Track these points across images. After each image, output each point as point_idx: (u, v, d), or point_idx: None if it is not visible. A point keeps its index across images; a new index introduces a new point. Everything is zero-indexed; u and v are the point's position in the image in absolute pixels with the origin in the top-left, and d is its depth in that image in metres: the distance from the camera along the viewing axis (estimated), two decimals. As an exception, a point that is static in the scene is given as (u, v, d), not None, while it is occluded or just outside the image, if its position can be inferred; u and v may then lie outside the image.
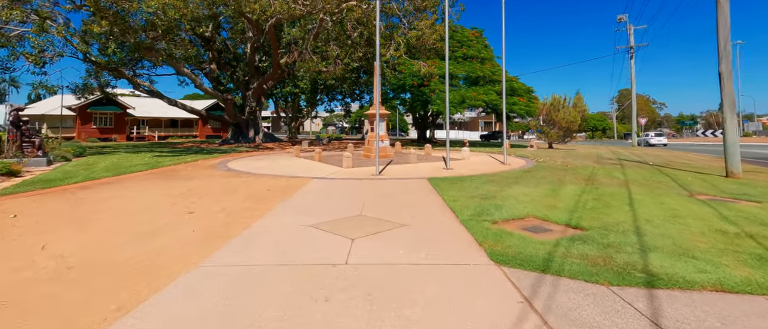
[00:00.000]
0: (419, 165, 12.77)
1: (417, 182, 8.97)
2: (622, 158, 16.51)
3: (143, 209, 6.18)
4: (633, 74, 31.85)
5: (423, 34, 19.13)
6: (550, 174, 10.18)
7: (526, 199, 6.72)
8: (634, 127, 32.02)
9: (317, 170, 11.57)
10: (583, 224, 4.95)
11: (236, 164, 13.27)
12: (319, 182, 9.08)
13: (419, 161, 14.07)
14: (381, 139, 15.24)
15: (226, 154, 17.81)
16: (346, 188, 8.32)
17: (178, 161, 13.74)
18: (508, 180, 9.06)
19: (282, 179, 9.50)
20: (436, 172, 10.91)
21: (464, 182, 8.73)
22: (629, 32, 32.30)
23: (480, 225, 4.96)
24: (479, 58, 28.61)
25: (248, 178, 9.73)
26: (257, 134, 28.43)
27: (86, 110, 35.77)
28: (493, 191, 7.58)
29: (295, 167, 12.36)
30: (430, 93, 24.97)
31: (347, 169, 11.70)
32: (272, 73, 25.86)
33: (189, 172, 10.95)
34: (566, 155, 17.69)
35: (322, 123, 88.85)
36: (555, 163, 13.28)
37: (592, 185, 8.23)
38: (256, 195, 7.38)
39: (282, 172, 10.94)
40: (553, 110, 23.02)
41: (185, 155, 16.84)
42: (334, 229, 4.90)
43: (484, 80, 26.62)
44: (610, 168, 11.67)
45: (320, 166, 12.61)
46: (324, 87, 38.25)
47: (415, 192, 7.68)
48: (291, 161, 14.45)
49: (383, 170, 11.38)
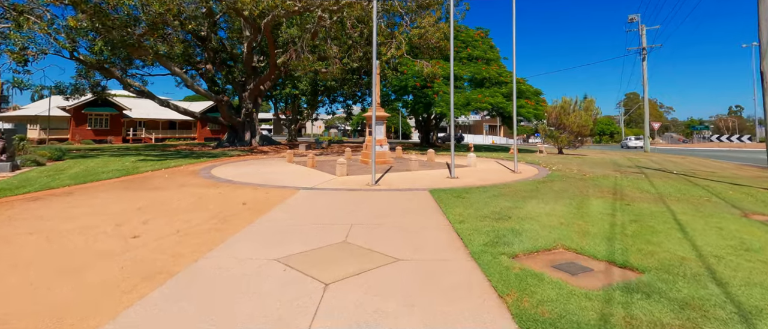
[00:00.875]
0: (421, 173, 11.61)
1: (417, 195, 7.80)
2: (641, 165, 15.26)
3: (82, 229, 5.06)
4: (645, 77, 30.56)
5: (426, 32, 18.01)
6: (568, 186, 8.98)
7: (549, 220, 5.54)
8: (646, 131, 30.69)
9: (307, 178, 10.44)
10: (633, 262, 3.76)
11: (221, 170, 12.17)
12: (305, 194, 7.93)
13: (421, 167, 12.91)
14: (379, 143, 14.10)
15: (216, 158, 16.73)
16: (334, 202, 7.16)
17: (160, 167, 12.66)
18: (522, 193, 7.87)
19: (264, 190, 8.37)
20: (440, 181, 9.74)
21: (472, 196, 7.55)
22: (641, 33, 31.01)
23: (497, 262, 3.79)
24: (485, 59, 27.49)
25: (226, 188, 8.61)
26: (254, 136, 27.37)
27: (81, 111, 34.92)
28: (506, 208, 6.40)
29: (284, 174, 11.23)
30: (434, 95, 23.83)
31: (341, 177, 10.56)
32: (269, 74, 24.83)
33: (164, 180, 9.84)
34: (580, 162, 16.45)
35: (324, 126, 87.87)
36: (570, 171, 12.06)
37: (622, 201, 7.03)
38: (227, 212, 6.24)
39: (267, 180, 9.82)
40: (563, 114, 21.78)
41: (171, 159, 15.78)
42: (306, 266, 3.75)
43: (490, 82, 25.47)
44: (634, 178, 10.44)
45: (312, 173, 11.48)
46: (324, 89, 37.25)
47: (414, 209, 6.51)
48: (282, 167, 13.33)
49: (380, 178, 10.23)
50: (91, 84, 22.97)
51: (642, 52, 30.96)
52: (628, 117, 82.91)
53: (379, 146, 14.08)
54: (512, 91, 25.08)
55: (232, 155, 18.79)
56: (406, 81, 25.02)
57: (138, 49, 16.61)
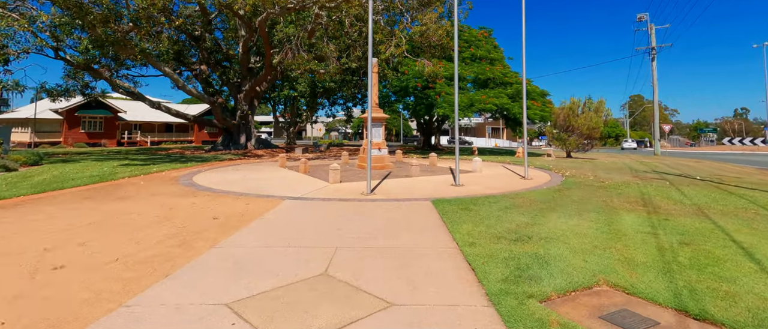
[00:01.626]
0: (422, 179, 10.60)
1: (418, 206, 6.79)
2: (658, 170, 14.21)
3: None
4: (655, 77, 29.51)
5: (427, 30, 17.06)
6: (589, 195, 7.95)
7: (579, 241, 4.52)
8: (656, 134, 29.61)
9: (297, 185, 9.45)
10: (713, 311, 2.75)
11: (205, 176, 11.19)
12: (289, 206, 6.93)
13: (422, 173, 11.91)
14: (377, 147, 13.12)
15: (205, 162, 15.77)
16: (321, 216, 6.16)
17: (140, 172, 11.70)
18: (538, 205, 6.85)
19: (244, 201, 7.38)
20: (443, 190, 8.74)
21: (480, 208, 6.54)
22: (650, 32, 30.00)
23: (524, 310, 2.78)
24: (488, 59, 26.49)
25: (203, 199, 7.62)
26: (249, 139, 26.44)
27: (74, 114, 34.07)
28: (523, 224, 5.39)
29: (272, 181, 10.25)
30: (436, 96, 22.83)
31: (333, 185, 9.56)
32: (265, 74, 23.92)
33: (136, 188, 8.86)
34: (592, 166, 15.41)
35: (324, 129, 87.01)
36: (585, 177, 11.03)
37: (657, 215, 6.00)
38: (192, 229, 5.25)
39: (252, 189, 8.83)
40: (571, 115, 20.75)
41: (157, 163, 14.82)
42: (265, 318, 2.75)
43: (494, 82, 24.45)
44: (659, 186, 9.41)
45: (303, 180, 10.49)
46: (323, 91, 36.35)
47: (414, 224, 5.51)
48: (272, 172, 12.35)
49: (377, 186, 9.23)
50: (80, 85, 22.09)
51: (651, 52, 29.94)
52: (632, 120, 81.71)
53: (377, 149, 13.09)
54: (517, 92, 24.17)
55: (224, 159, 17.83)
56: (407, 82, 24.05)
57: (124, 47, 15.70)
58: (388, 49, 16.54)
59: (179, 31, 24.51)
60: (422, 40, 17.71)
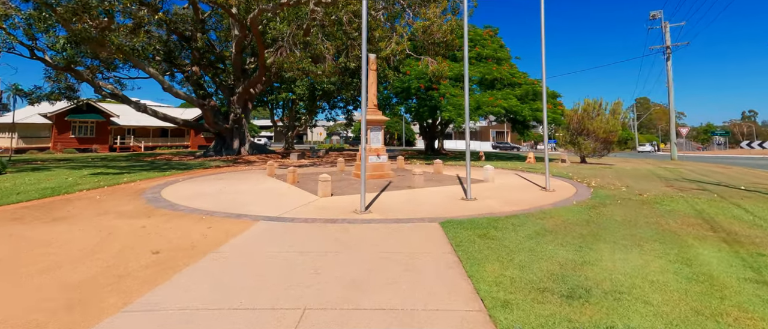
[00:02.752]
0: (427, 191, 9.15)
1: (423, 231, 5.34)
2: (688, 178, 12.70)
3: None
4: (670, 78, 27.99)
5: (431, 25, 15.66)
6: (633, 214, 6.48)
7: (664, 298, 3.06)
8: (672, 137, 28.04)
9: (280, 200, 8.02)
10: None
11: (177, 188, 9.78)
12: (261, 232, 5.50)
13: (427, 182, 10.46)
14: (376, 153, 11.68)
15: (188, 170, 14.39)
16: (297, 248, 4.72)
17: (107, 183, 10.31)
18: (577, 229, 5.39)
19: (208, 223, 5.95)
20: (453, 205, 7.29)
21: (504, 233, 5.09)
22: (664, 30, 28.53)
23: None
24: (495, 58, 25.13)
25: (158, 220, 6.20)
26: (243, 144, 25.09)
27: (64, 119, 32.89)
28: (570, 263, 3.93)
29: (253, 194, 8.83)
30: (440, 98, 21.46)
31: (322, 199, 8.12)
32: (258, 75, 22.60)
33: (87, 204, 7.46)
34: (615, 174, 13.91)
35: (325, 133, 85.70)
36: (616, 189, 9.55)
37: (742, 246, 4.52)
38: (116, 271, 3.83)
39: (224, 205, 7.41)
40: (586, 118, 19.27)
41: (133, 172, 13.46)
42: None
43: (502, 83, 23.06)
44: (709, 200, 7.92)
45: (289, 192, 9.07)
46: (323, 93, 35.03)
47: (418, 264, 4.05)
48: (257, 183, 10.93)
49: (374, 201, 7.79)
50: (63, 88, 20.82)
51: (666, 51, 28.45)
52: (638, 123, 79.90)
53: (376, 156, 11.66)
54: (526, 93, 22.74)
55: (211, 166, 16.45)
56: (408, 82, 22.68)
57: (101, 45, 14.39)
58: (389, 46, 15.16)
59: (169, 31, 23.34)
60: (425, 38, 16.30)
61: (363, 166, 6.87)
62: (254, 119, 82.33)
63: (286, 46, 15.26)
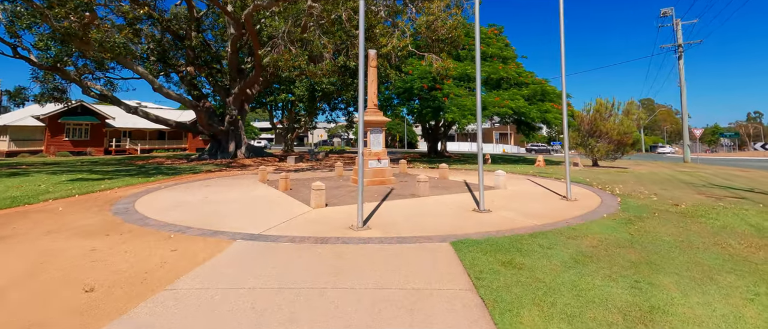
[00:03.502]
0: (433, 200, 8.16)
1: (431, 257, 4.35)
2: (714, 183, 11.67)
3: None
4: (682, 77, 26.93)
5: (435, 20, 14.70)
6: (680, 231, 5.48)
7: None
8: (685, 139, 26.96)
9: (267, 211, 7.05)
10: None
11: (155, 198, 8.83)
12: (233, 256, 4.52)
13: (433, 190, 9.47)
14: (376, 157, 10.70)
15: (176, 176, 13.45)
16: (273, 283, 3.73)
17: (81, 191, 9.37)
18: (621, 252, 4.39)
19: (173, 243, 4.99)
20: (465, 219, 6.29)
21: (535, 261, 4.10)
22: (676, 28, 27.51)
23: None
24: (501, 57, 24.16)
25: (115, 240, 5.23)
26: (239, 147, 24.16)
27: (57, 121, 32.06)
28: (633, 309, 2.94)
29: (237, 204, 7.86)
30: (444, 98, 20.49)
31: (316, 210, 7.15)
32: (255, 75, 21.71)
33: (42, 218, 6.50)
34: (635, 178, 12.88)
35: (326, 135, 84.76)
36: (645, 197, 8.54)
37: None
38: (17, 325, 2.86)
39: (201, 218, 6.44)
40: (599, 119, 18.25)
41: (117, 177, 12.53)
42: None
43: (508, 83, 22.07)
44: (759, 212, 6.90)
45: (280, 202, 8.09)
46: (322, 94, 34.12)
47: (426, 311, 3.06)
48: (246, 190, 9.97)
49: (374, 213, 6.80)
50: (50, 88, 19.95)
51: (678, 49, 27.42)
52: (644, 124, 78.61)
53: (376, 160, 10.68)
54: (535, 93, 21.73)
55: (202, 170, 15.50)
56: (411, 82, 21.72)
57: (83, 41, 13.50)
58: (390, 42, 14.20)
59: (163, 30, 22.49)
60: (429, 34, 15.34)
61: (360, 174, 5.89)
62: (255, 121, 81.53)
63: (281, 43, 14.32)
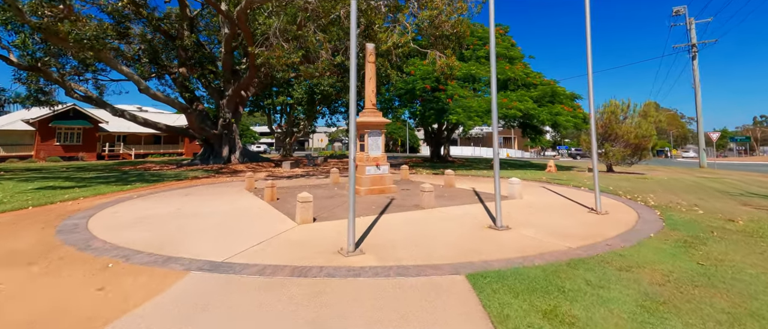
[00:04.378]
0: (440, 214, 7.00)
1: (443, 302, 3.19)
2: (754, 192, 10.47)
3: None
4: (696, 78, 25.74)
5: (440, 14, 13.62)
6: (758, 261, 4.29)
7: None
8: (701, 143, 25.73)
9: (243, 228, 5.90)
10: None
11: (123, 210, 7.70)
12: (181, 296, 3.37)
13: (439, 200, 8.30)
14: (375, 163, 9.56)
15: (157, 183, 12.34)
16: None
17: (39, 202, 8.27)
18: (705, 296, 3.22)
19: (110, 275, 3.84)
20: (481, 241, 5.13)
21: (589, 308, 2.94)
22: (689, 27, 26.37)
23: None
24: (506, 57, 23.05)
25: (28, 273, 4.09)
26: (233, 152, 23.09)
27: (48, 125, 31.10)
28: None
29: (213, 218, 6.72)
30: (448, 99, 19.38)
31: (302, 226, 6.00)
32: (249, 76, 20.67)
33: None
34: (661, 186, 11.69)
35: (327, 139, 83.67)
36: (690, 211, 7.36)
37: None
38: None
39: (163, 239, 5.30)
40: (614, 121, 17.08)
41: (93, 185, 11.44)
42: None
43: (515, 84, 20.93)
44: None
45: (261, 215, 6.95)
46: (322, 97, 33.09)
47: None
48: (228, 201, 8.84)
49: (370, 230, 5.65)
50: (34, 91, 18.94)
51: (691, 49, 26.26)
52: (650, 128, 77.34)
53: (374, 166, 9.53)
54: (544, 94, 20.53)
55: (188, 177, 14.39)
56: (413, 83, 20.63)
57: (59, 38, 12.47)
58: (390, 38, 13.12)
59: (154, 29, 21.52)
60: (432, 30, 14.27)
61: (351, 187, 4.75)
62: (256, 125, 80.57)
63: (273, 39, 13.25)
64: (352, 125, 4.94)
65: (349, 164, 4.81)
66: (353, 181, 4.80)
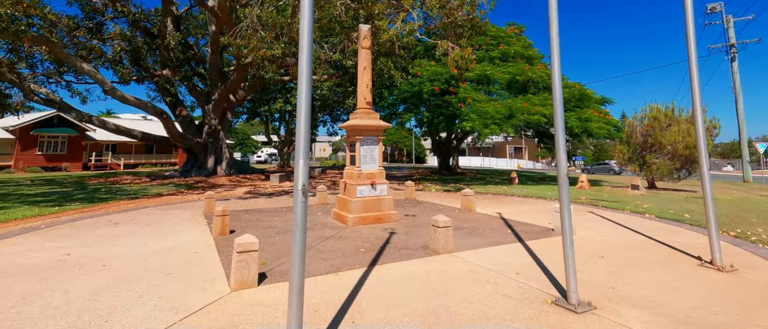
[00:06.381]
0: (461, 267, 4.46)
1: None
2: None
3: None
4: (737, 82, 23.04)
5: (450, 1, 11.26)
6: None
7: None
8: (744, 154, 22.92)
9: (131, 302, 3.42)
10: None
11: (-6, 249, 5.28)
12: None
13: (459, 238, 5.75)
14: (370, 181, 7.07)
15: (103, 203, 9.97)
16: None
17: None
18: None
19: None
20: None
21: None
22: (727, 25, 23.77)
23: None
24: (524, 56, 20.64)
25: None
26: (219, 162, 20.78)
27: (29, 133, 29.17)
28: None
29: (97, 280, 4.27)
30: (460, 104, 16.91)
31: (236, 295, 3.49)
32: (237, 77, 18.45)
33: None
34: (745, 210, 9.03)
35: (330, 149, 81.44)
36: None
37: None
38: None
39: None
40: (657, 128, 14.47)
41: (15, 206, 9.10)
42: None
43: (536, 86, 18.43)
44: None
45: (189, 263, 4.48)
46: (322, 104, 30.87)
47: None
48: (161, 234, 6.41)
49: (347, 307, 3.11)
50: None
51: (730, 50, 23.62)
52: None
53: (368, 186, 7.03)
54: (571, 97, 17.94)
55: (149, 193, 12.02)
56: (420, 86, 18.22)
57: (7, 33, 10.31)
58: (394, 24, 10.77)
59: (133, 27, 19.47)
60: (443, 18, 11.90)
61: (297, 249, 2.25)
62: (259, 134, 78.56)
63: (250, 29, 10.95)
64: (300, 125, 2.48)
65: (294, 196, 2.33)
66: (301, 234, 2.32)
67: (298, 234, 2.32)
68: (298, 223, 2.33)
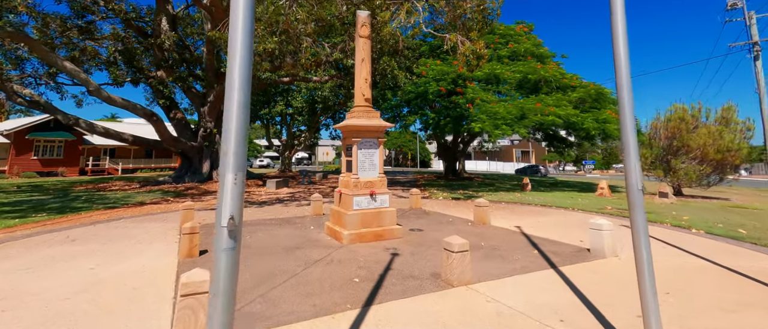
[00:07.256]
0: (484, 309, 3.39)
1: None
2: None
3: None
4: (761, 82, 21.70)
5: (459, -10, 10.24)
6: None
7: None
8: (770, 157, 21.57)
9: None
10: None
11: None
12: None
13: (476, 264, 4.66)
14: (369, 190, 6.01)
15: (73, 214, 9.01)
16: None
17: None
18: None
19: None
20: None
21: None
22: (749, 22, 22.50)
23: None
24: (535, 55, 19.56)
25: None
26: (215, 167, 19.83)
27: (24, 137, 28.47)
28: None
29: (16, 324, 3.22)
30: (467, 105, 15.83)
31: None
32: (231, 80, 17.51)
33: None
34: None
35: (334, 153, 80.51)
36: None
37: None
38: None
39: None
40: (684, 130, 13.30)
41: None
42: None
43: (549, 86, 17.32)
44: None
45: (132, 300, 3.44)
46: (324, 106, 29.97)
47: None
48: (117, 258, 5.42)
49: None
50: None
51: (753, 48, 22.33)
52: (677, 141, 72.11)
53: (367, 196, 5.97)
54: (587, 97, 16.84)
55: (131, 202, 11.05)
56: (425, 86, 17.17)
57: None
58: (396, 18, 9.78)
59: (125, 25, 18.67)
60: (449, 9, 10.87)
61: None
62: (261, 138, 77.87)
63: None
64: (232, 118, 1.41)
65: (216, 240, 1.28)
66: (223, 311, 1.26)
67: (218, 315, 1.27)
68: (219, 293, 1.28)
